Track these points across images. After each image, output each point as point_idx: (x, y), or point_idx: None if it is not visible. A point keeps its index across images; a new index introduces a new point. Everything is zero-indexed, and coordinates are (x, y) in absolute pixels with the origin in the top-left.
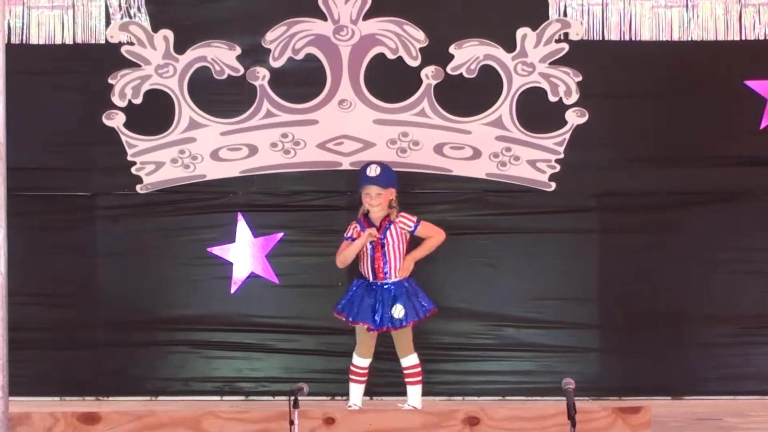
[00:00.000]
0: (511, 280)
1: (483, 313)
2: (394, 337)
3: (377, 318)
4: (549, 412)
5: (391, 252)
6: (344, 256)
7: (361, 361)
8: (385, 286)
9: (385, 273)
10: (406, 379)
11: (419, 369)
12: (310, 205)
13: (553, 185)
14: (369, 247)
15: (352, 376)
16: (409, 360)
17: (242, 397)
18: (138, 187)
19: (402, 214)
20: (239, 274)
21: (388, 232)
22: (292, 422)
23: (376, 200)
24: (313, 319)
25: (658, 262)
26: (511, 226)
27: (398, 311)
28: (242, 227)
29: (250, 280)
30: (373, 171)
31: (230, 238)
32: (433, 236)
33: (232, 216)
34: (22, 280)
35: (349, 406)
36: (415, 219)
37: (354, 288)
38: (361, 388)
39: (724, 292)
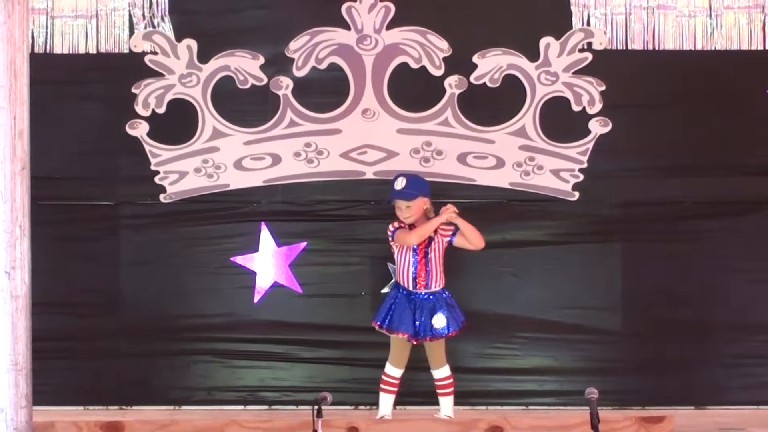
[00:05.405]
0: (535, 289)
1: (506, 322)
2: (428, 348)
3: (418, 328)
4: (572, 421)
5: (433, 262)
6: (422, 232)
7: (394, 371)
8: (424, 296)
9: (426, 283)
10: (439, 391)
11: (452, 380)
12: (333, 215)
13: (577, 195)
14: (412, 255)
15: (383, 386)
16: (442, 372)
17: (265, 407)
18: (161, 197)
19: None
20: (263, 284)
21: (433, 242)
22: (315, 431)
23: (406, 213)
24: (337, 328)
25: (682, 271)
26: (535, 235)
27: (439, 321)
28: (266, 236)
29: (274, 289)
30: (399, 184)
31: (254, 247)
32: (476, 231)
33: (256, 225)
34: (46, 289)
35: (380, 417)
36: (453, 227)
37: (393, 298)
38: (392, 398)
39: (747, 301)
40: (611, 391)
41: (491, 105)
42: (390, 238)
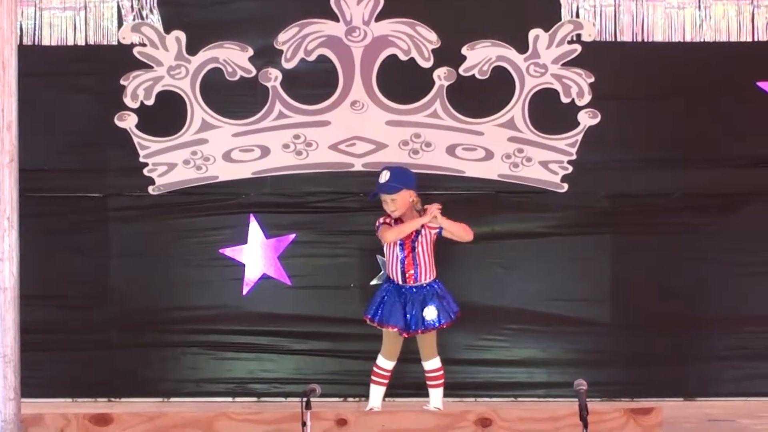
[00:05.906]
0: (524, 280)
1: (496, 314)
2: (419, 340)
3: (409, 321)
4: (561, 413)
5: (421, 256)
6: (399, 231)
7: (386, 363)
8: (415, 289)
9: (415, 277)
10: (429, 382)
11: (442, 372)
12: (322, 207)
13: (566, 186)
14: (399, 250)
15: (374, 378)
16: (433, 363)
17: (254, 399)
18: (150, 189)
19: None
20: (251, 276)
21: (420, 236)
22: (304, 423)
23: (391, 206)
24: (325, 320)
25: (671, 263)
26: (524, 227)
27: (430, 313)
28: (254, 228)
29: (263, 281)
30: (383, 177)
31: (242, 239)
32: (462, 227)
33: (245, 217)
34: (34, 281)
35: (369, 409)
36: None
37: (384, 291)
38: (383, 390)
39: (737, 293)
40: (600, 382)
41: (480, 97)
42: (376, 232)
